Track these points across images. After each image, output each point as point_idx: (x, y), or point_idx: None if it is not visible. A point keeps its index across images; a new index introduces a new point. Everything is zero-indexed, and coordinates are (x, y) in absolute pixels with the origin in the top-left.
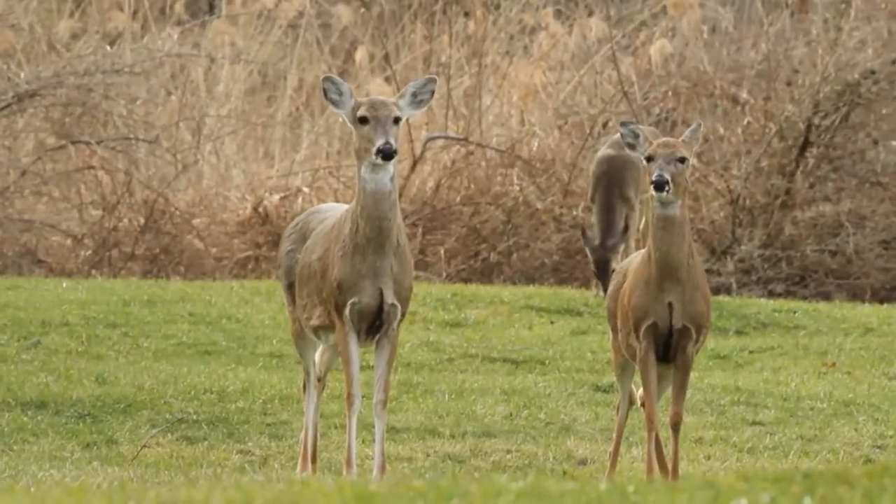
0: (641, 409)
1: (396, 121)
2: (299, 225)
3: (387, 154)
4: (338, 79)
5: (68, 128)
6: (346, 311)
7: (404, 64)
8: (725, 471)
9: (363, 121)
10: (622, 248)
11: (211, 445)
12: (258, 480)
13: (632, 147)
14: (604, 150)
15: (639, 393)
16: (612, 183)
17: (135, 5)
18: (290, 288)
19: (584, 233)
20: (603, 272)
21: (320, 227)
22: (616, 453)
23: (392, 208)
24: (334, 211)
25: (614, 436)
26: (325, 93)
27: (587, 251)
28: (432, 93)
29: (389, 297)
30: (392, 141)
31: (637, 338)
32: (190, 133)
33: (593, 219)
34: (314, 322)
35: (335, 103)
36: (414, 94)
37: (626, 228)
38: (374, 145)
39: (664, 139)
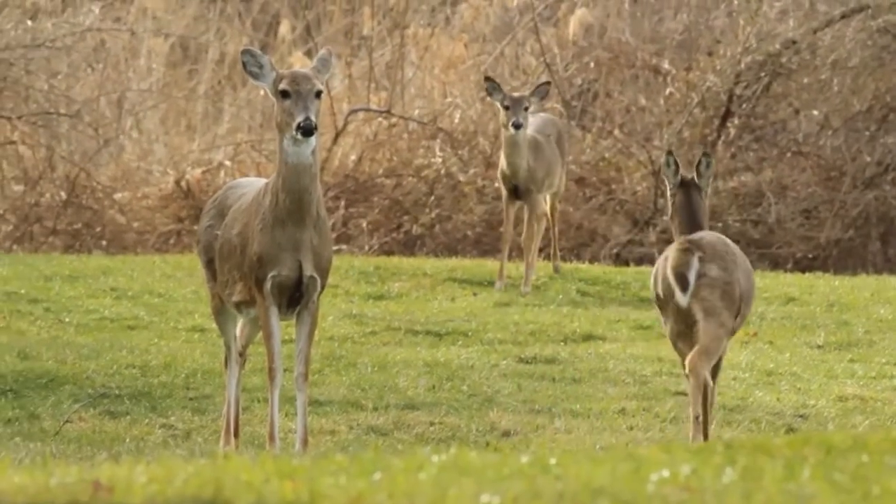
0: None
1: (318, 94)
2: (217, 201)
3: (307, 130)
4: (257, 51)
5: None
6: (267, 284)
7: (326, 37)
8: (648, 441)
9: (285, 94)
10: None
11: (134, 420)
12: (181, 455)
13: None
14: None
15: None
16: None
17: None
18: (210, 264)
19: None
20: None
21: (239, 202)
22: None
23: (313, 181)
24: (252, 186)
25: None
26: (245, 65)
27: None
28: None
29: (309, 270)
30: (312, 117)
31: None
32: (111, 107)
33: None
34: (235, 297)
35: (255, 76)
36: (319, 70)
37: None
38: (294, 120)
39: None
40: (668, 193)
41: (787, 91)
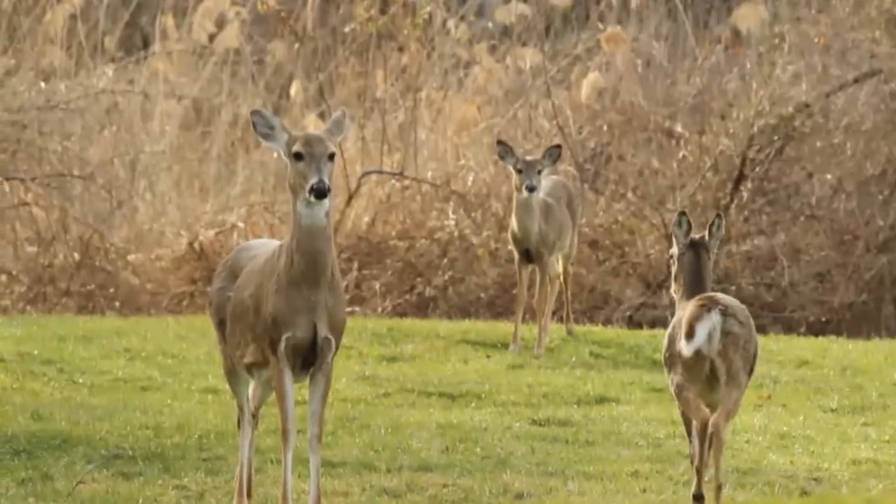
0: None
1: (331, 157)
2: (229, 262)
3: (320, 193)
4: (266, 112)
5: (2, 164)
6: (281, 345)
7: (338, 99)
8: None
9: (298, 157)
10: None
11: (147, 481)
12: None
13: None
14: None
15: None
16: None
17: (69, 42)
18: (222, 325)
19: None
20: None
21: (251, 263)
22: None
23: (327, 243)
24: (264, 247)
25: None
26: (255, 126)
27: None
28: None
29: (323, 331)
30: (326, 179)
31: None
32: (125, 169)
33: None
34: (247, 359)
35: (266, 136)
36: (332, 131)
37: None
38: (308, 182)
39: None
40: (676, 254)
41: (800, 154)
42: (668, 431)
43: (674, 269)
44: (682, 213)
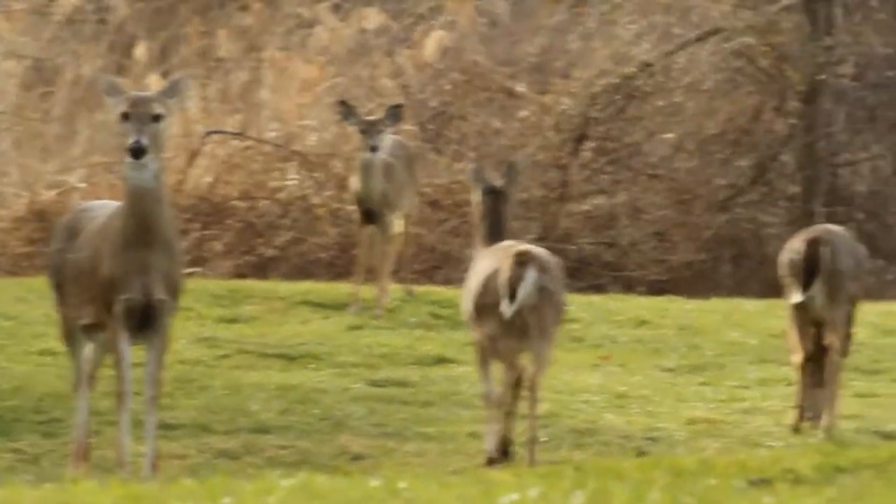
0: None
1: (157, 118)
2: (68, 223)
3: (135, 152)
4: (113, 78)
5: None
6: (117, 307)
7: (182, 58)
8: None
9: (124, 117)
10: None
11: None
12: (28, 480)
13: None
14: None
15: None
16: None
17: None
18: (60, 287)
19: None
20: None
21: (90, 225)
22: None
23: (157, 204)
24: (104, 208)
25: None
26: (102, 89)
27: None
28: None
29: (158, 293)
30: (144, 140)
31: None
32: None
33: None
34: (85, 321)
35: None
36: (166, 93)
37: None
38: (126, 142)
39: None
40: (474, 200)
41: (641, 114)
42: None
43: (475, 217)
44: (478, 162)
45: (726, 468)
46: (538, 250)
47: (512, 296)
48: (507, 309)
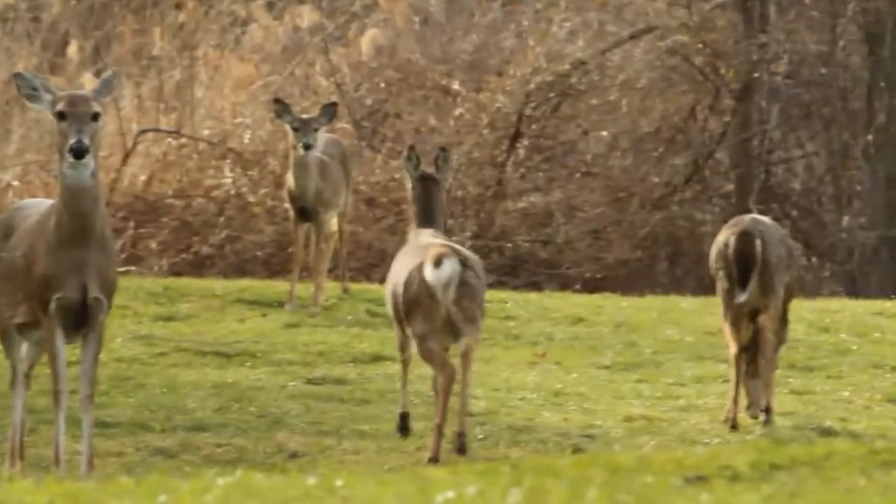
0: None
1: (95, 117)
2: (2, 222)
3: (78, 153)
4: (28, 74)
5: None
6: (52, 306)
7: (116, 57)
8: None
9: (61, 116)
10: None
11: None
12: None
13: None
14: None
15: None
16: None
17: None
18: None
19: None
20: None
21: (24, 223)
22: None
23: (94, 203)
24: (38, 207)
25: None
26: (19, 90)
27: None
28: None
29: (94, 291)
30: (85, 140)
31: None
32: None
33: None
34: (19, 319)
35: (31, 98)
36: (100, 91)
37: None
38: (67, 143)
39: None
40: (408, 186)
41: (576, 112)
42: None
43: (409, 202)
44: (411, 148)
45: (663, 465)
46: (462, 249)
47: (439, 264)
48: (431, 273)
